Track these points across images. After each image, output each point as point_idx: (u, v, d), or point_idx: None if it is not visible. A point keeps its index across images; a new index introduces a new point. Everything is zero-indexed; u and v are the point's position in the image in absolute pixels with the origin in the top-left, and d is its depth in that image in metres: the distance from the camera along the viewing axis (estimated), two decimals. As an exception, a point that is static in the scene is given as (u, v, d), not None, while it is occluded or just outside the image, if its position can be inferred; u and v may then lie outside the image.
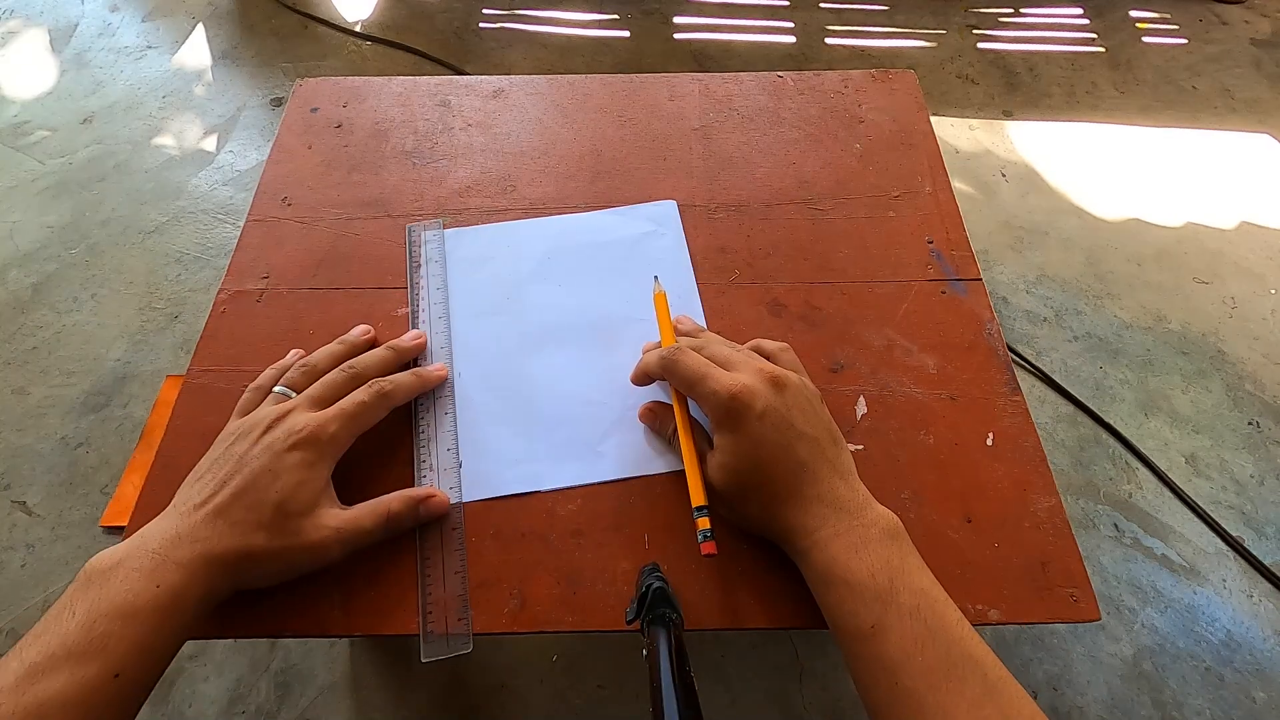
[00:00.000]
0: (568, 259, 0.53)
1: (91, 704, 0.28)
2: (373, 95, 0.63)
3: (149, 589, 0.31)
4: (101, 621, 0.30)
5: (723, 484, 0.38)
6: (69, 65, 1.41)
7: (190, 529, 0.34)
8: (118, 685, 0.29)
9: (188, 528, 0.34)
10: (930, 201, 0.56)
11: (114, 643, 0.30)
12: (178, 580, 0.32)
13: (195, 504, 0.36)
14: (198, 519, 0.35)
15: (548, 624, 0.38)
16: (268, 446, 0.37)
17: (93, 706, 0.28)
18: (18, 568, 0.83)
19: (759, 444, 0.37)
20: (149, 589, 0.31)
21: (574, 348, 0.49)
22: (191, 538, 0.34)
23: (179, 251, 1.12)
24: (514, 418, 0.45)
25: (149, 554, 0.33)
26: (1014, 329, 1.06)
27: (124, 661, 0.30)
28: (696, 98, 0.63)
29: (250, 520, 0.35)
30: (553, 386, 0.47)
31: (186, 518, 0.35)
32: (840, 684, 0.76)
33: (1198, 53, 1.48)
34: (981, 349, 0.48)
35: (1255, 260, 1.15)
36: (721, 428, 0.38)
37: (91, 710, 0.28)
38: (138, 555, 0.33)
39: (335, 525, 0.37)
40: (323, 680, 0.75)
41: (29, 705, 0.27)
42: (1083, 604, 0.39)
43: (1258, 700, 0.77)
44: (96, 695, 0.29)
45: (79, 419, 0.94)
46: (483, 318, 0.50)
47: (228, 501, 0.35)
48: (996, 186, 1.25)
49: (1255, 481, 0.92)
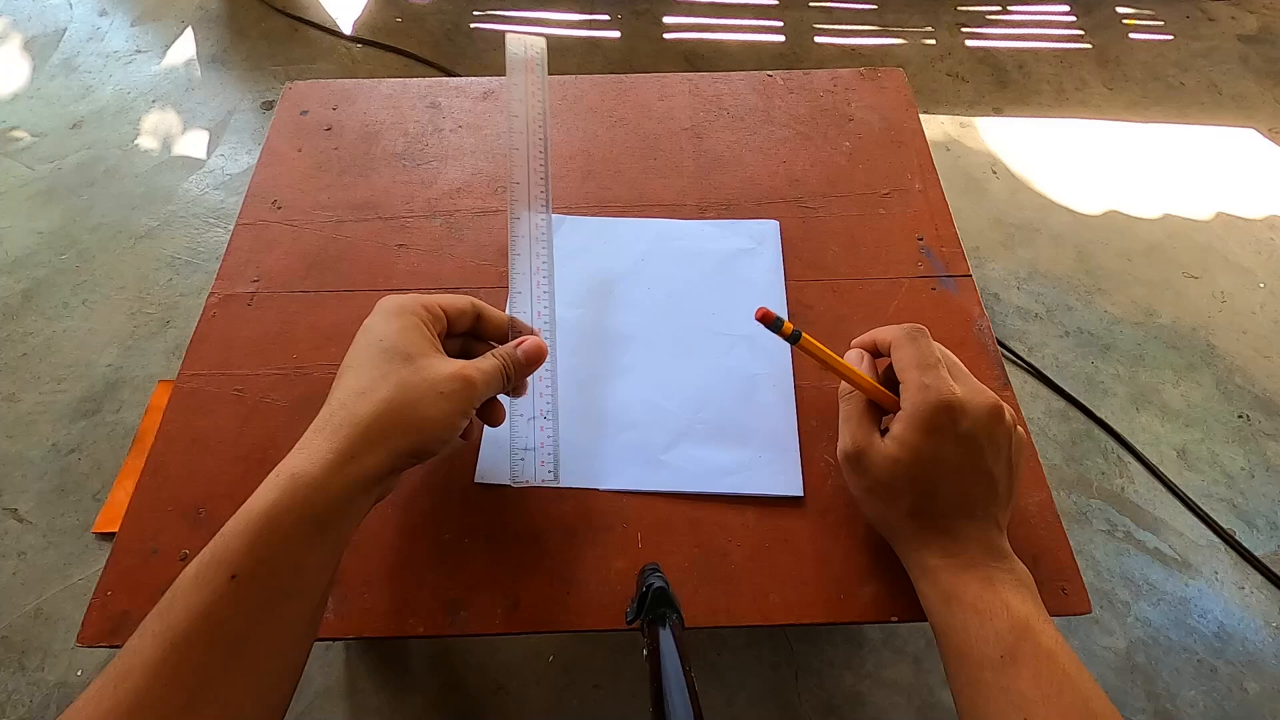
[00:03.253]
0: (662, 264, 0.52)
1: (212, 611, 0.27)
2: (362, 97, 0.63)
3: (268, 482, 0.30)
4: (227, 523, 0.29)
5: (881, 468, 0.36)
6: (58, 70, 1.41)
7: (316, 427, 0.32)
8: (236, 587, 0.28)
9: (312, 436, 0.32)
10: (920, 199, 0.56)
11: (230, 539, 0.28)
12: (296, 462, 0.30)
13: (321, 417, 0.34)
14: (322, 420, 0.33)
15: (542, 624, 0.38)
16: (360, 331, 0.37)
17: (213, 614, 0.27)
18: (9, 575, 0.83)
19: (941, 460, 0.35)
20: (268, 482, 0.30)
21: (653, 353, 0.48)
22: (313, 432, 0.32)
23: (170, 256, 1.12)
24: (583, 413, 0.45)
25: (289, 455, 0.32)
26: (1006, 325, 1.07)
27: (240, 562, 0.28)
28: (687, 97, 0.63)
29: (370, 377, 0.33)
30: (626, 388, 0.47)
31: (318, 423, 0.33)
32: (835, 680, 0.77)
33: (1185, 49, 1.49)
34: (972, 345, 0.48)
35: (1244, 254, 1.16)
36: (914, 423, 0.35)
37: (212, 618, 0.27)
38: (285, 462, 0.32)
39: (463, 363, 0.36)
40: (318, 684, 0.75)
41: (161, 611, 0.27)
42: (1073, 597, 0.39)
43: (1250, 691, 0.77)
44: (219, 602, 0.27)
45: (70, 425, 0.94)
46: (569, 309, 0.50)
47: (341, 384, 0.34)
48: (987, 183, 1.25)
49: (1246, 474, 0.93)
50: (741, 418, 0.45)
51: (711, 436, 0.44)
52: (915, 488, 0.36)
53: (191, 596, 0.27)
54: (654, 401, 0.46)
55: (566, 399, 0.45)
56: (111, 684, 0.26)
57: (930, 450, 0.35)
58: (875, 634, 0.80)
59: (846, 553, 0.40)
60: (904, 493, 0.36)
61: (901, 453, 0.36)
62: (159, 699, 0.26)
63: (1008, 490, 0.37)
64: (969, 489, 0.35)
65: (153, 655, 0.26)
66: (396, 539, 0.41)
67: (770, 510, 0.42)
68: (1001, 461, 0.36)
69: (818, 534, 0.41)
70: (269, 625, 0.29)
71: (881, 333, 0.41)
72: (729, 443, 0.44)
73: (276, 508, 0.29)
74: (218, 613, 0.27)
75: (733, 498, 0.42)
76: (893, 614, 0.38)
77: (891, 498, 0.37)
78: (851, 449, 0.38)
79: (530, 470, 0.41)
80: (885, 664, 0.78)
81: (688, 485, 0.42)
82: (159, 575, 0.39)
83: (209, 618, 0.27)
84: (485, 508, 0.42)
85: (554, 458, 0.41)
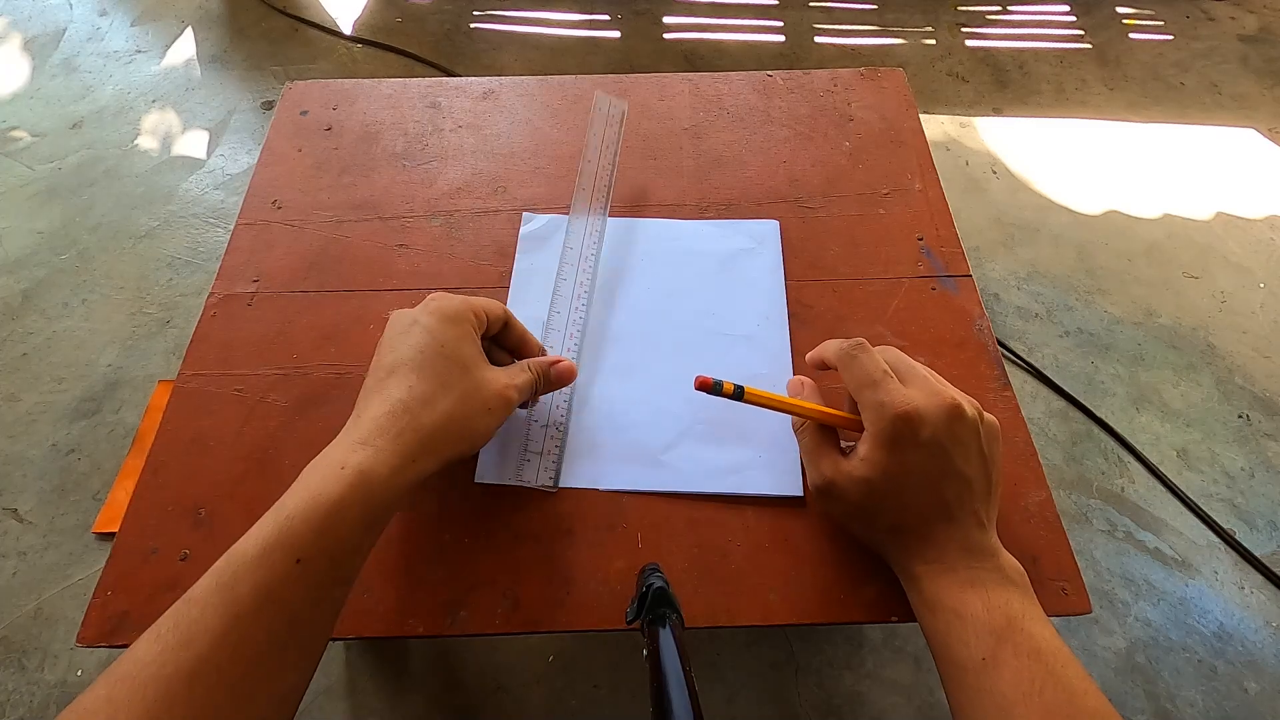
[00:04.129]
0: (662, 263, 0.53)
1: (277, 590, 0.29)
2: (362, 97, 0.63)
3: (334, 472, 0.31)
4: (290, 505, 0.30)
5: (855, 493, 0.37)
6: (58, 70, 1.41)
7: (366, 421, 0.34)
8: (301, 571, 0.29)
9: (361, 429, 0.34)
10: (920, 199, 0.56)
11: (298, 525, 0.30)
12: (362, 459, 0.32)
13: (366, 411, 0.35)
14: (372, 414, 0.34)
15: (542, 624, 0.38)
16: (403, 325, 0.38)
17: (278, 592, 0.29)
18: (9, 575, 0.83)
19: (909, 471, 0.35)
20: (334, 472, 0.31)
21: (654, 352, 0.48)
22: (368, 423, 0.34)
23: (170, 256, 1.12)
24: (583, 413, 0.45)
25: (341, 445, 0.33)
26: (1006, 325, 1.07)
27: (306, 548, 0.30)
28: (687, 97, 0.63)
29: (431, 378, 0.35)
30: (626, 388, 0.47)
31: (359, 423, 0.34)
32: (835, 680, 0.77)
33: (1185, 49, 1.49)
34: (972, 345, 0.48)
35: (1244, 254, 1.16)
36: (877, 443, 0.36)
37: (277, 596, 0.29)
38: (335, 446, 0.33)
39: (505, 378, 0.38)
40: (318, 684, 0.75)
41: (225, 585, 0.28)
42: (1073, 597, 0.39)
43: (1250, 691, 0.77)
44: (283, 581, 0.29)
45: (70, 425, 0.94)
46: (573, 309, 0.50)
47: (395, 382, 0.35)
48: (987, 183, 1.25)
49: (1246, 474, 0.93)
50: (741, 418, 0.45)
51: (711, 436, 0.44)
52: (890, 503, 0.36)
53: (257, 574, 0.29)
54: (654, 401, 0.46)
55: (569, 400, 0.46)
56: (174, 650, 0.27)
57: (897, 464, 0.35)
58: (875, 634, 0.80)
59: (846, 553, 0.40)
60: (880, 510, 0.37)
61: (870, 472, 0.36)
62: (219, 668, 0.27)
63: (985, 484, 0.37)
64: (941, 493, 0.36)
65: (216, 625, 0.28)
66: (396, 539, 0.41)
67: (770, 510, 0.42)
68: (972, 458, 0.36)
69: (818, 534, 0.41)
70: (323, 607, 0.31)
71: (825, 349, 0.42)
72: (729, 443, 0.44)
73: (344, 502, 0.31)
74: (281, 592, 0.29)
75: (733, 498, 0.42)
76: (893, 614, 0.38)
77: (870, 518, 0.37)
78: (821, 483, 0.38)
79: (532, 472, 0.42)
80: (885, 664, 0.78)
81: (688, 485, 0.42)
82: (159, 575, 0.39)
83: (272, 597, 0.29)
84: (485, 508, 0.42)
85: (556, 466, 0.43)
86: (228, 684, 0.27)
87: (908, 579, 0.37)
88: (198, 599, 0.28)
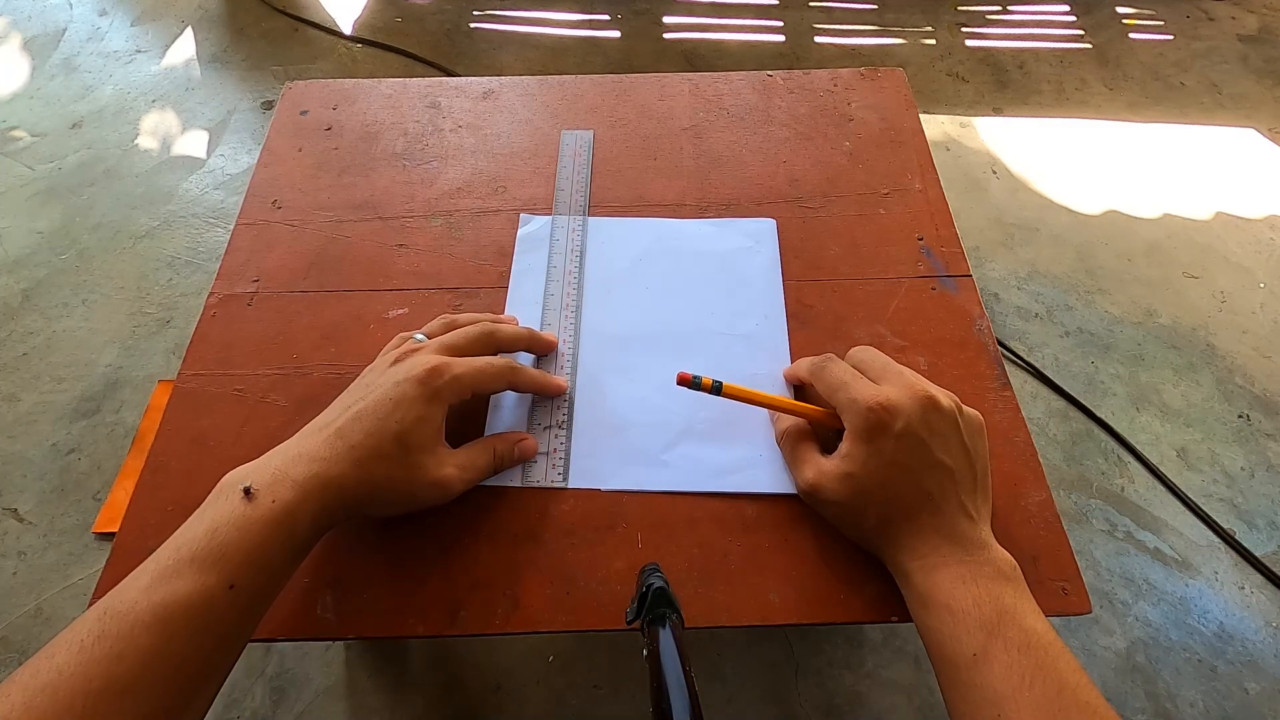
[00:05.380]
0: (660, 263, 0.53)
1: (210, 612, 0.29)
2: (362, 97, 0.63)
3: (264, 503, 0.32)
4: (223, 530, 0.31)
5: (840, 491, 0.37)
6: (57, 70, 1.41)
7: (311, 449, 0.35)
8: (233, 596, 0.30)
9: (309, 448, 0.35)
10: (920, 199, 0.56)
11: (231, 552, 0.30)
12: (291, 498, 0.33)
13: (321, 425, 0.37)
14: (319, 440, 0.35)
15: (542, 624, 0.38)
16: (391, 376, 0.38)
17: (211, 614, 0.29)
18: (9, 575, 0.83)
19: (888, 464, 0.36)
20: (264, 503, 0.32)
21: (653, 353, 0.48)
22: (310, 457, 0.34)
23: (170, 256, 1.12)
24: (583, 413, 0.45)
25: (270, 470, 0.34)
26: (1006, 325, 1.07)
27: (239, 573, 0.30)
28: (687, 97, 0.63)
29: (369, 447, 0.35)
30: (627, 389, 0.46)
31: (310, 438, 0.36)
32: (835, 680, 0.77)
33: (1185, 49, 1.49)
34: (972, 345, 0.48)
35: (1244, 254, 1.16)
36: (855, 438, 0.37)
37: (210, 617, 0.29)
38: (261, 471, 0.34)
39: (457, 463, 0.39)
40: (318, 684, 0.75)
41: (156, 604, 0.28)
42: (1074, 597, 0.39)
43: (1250, 691, 0.77)
44: (215, 604, 0.29)
45: (70, 425, 0.94)
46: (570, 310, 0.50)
47: (348, 424, 0.36)
48: (987, 183, 1.25)
49: (1246, 474, 0.93)
50: (741, 417, 0.45)
51: (711, 436, 0.44)
52: (875, 496, 0.37)
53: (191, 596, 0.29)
54: (654, 401, 0.46)
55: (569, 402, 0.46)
56: (101, 664, 0.27)
57: (876, 456, 0.36)
58: (875, 634, 0.80)
59: (846, 553, 0.40)
60: (866, 505, 0.37)
61: (851, 467, 0.37)
62: (150, 686, 0.28)
63: (971, 475, 0.37)
64: (923, 484, 0.36)
65: (148, 644, 0.28)
66: (396, 539, 0.41)
67: (770, 510, 0.42)
68: (953, 448, 0.37)
69: (818, 534, 0.41)
70: (248, 627, 0.32)
71: (799, 368, 0.43)
72: (729, 442, 0.44)
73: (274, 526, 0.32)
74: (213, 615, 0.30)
75: (733, 498, 0.42)
76: (893, 614, 0.38)
77: (858, 514, 0.38)
78: (806, 486, 0.39)
79: (541, 472, 0.43)
80: (885, 664, 0.78)
81: (688, 485, 0.42)
82: (159, 575, 0.39)
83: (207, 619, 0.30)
84: (485, 508, 0.42)
85: (565, 462, 0.43)
86: (159, 701, 0.28)
87: (900, 576, 0.37)
88: (123, 613, 0.28)
